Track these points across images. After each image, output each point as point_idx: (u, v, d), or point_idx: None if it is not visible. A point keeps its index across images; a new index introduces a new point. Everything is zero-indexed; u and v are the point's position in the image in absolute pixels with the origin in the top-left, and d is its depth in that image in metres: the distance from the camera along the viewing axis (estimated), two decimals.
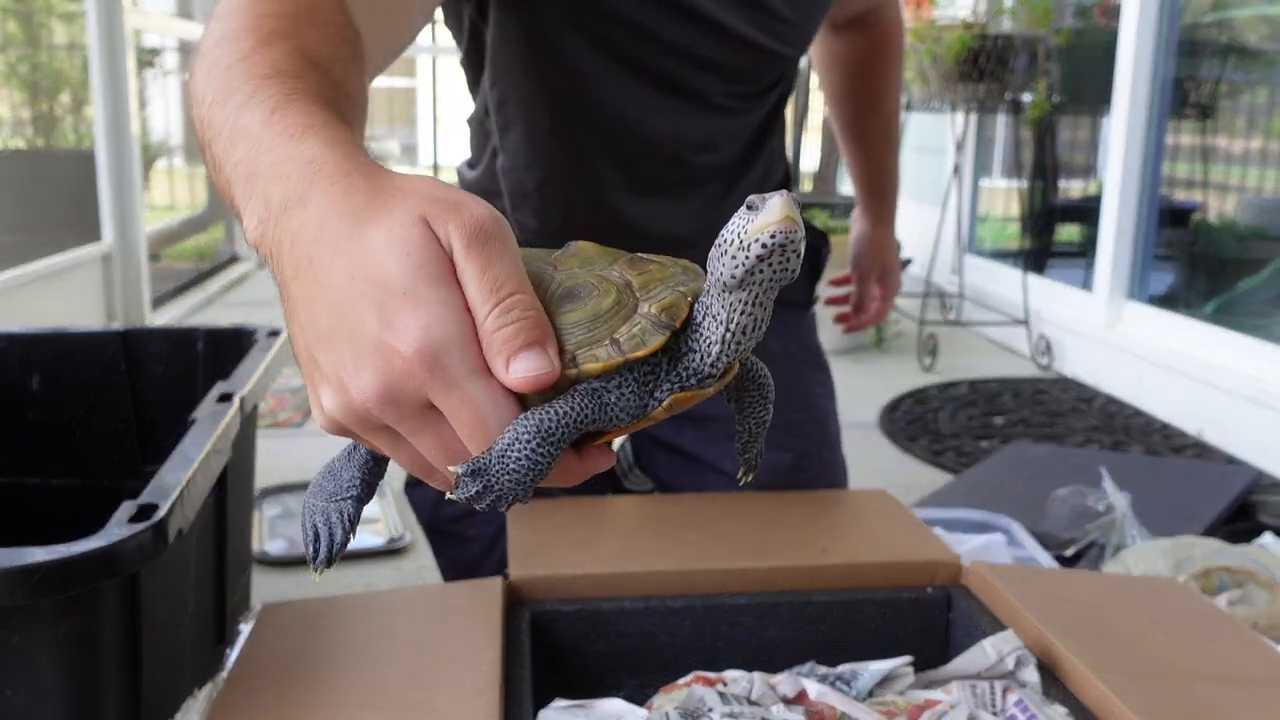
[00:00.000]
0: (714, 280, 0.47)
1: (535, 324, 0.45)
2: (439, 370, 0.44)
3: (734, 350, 0.49)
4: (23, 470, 1.33)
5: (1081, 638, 0.79)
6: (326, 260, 0.45)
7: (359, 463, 0.54)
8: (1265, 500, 1.97)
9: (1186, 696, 0.72)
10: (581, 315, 0.48)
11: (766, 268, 0.45)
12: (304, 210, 0.47)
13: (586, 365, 0.47)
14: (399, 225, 0.44)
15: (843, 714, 0.73)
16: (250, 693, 0.73)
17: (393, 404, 0.45)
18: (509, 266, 0.45)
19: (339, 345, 0.45)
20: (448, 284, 0.44)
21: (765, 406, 0.58)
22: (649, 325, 0.48)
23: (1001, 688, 0.75)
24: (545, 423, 0.45)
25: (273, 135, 0.51)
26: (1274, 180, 3.12)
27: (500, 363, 0.44)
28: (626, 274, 0.50)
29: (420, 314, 0.44)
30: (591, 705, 0.77)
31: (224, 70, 0.56)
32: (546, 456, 0.46)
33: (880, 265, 1.49)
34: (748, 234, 0.45)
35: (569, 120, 1.08)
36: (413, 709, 0.70)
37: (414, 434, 0.46)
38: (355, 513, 0.53)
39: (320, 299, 0.46)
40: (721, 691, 0.75)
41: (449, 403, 0.45)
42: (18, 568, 0.68)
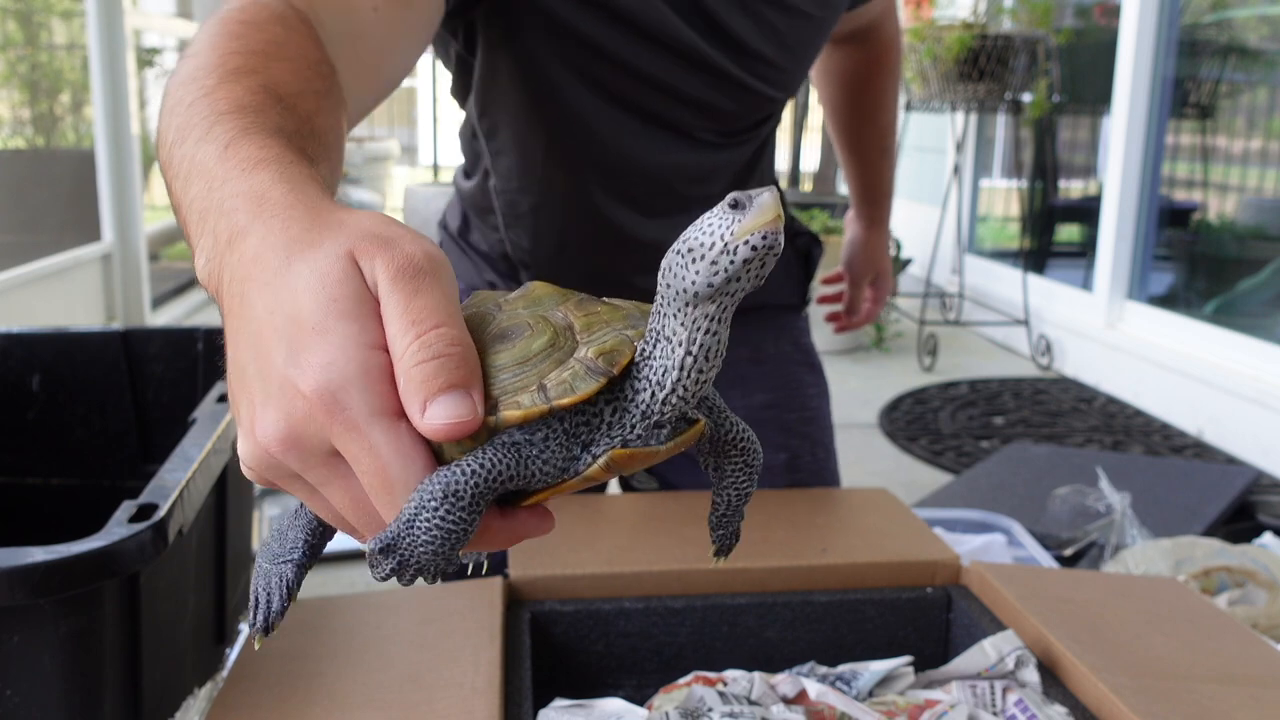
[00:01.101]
0: (674, 294, 0.42)
1: (460, 361, 0.41)
2: (338, 411, 0.40)
3: (694, 380, 0.43)
4: (23, 470, 1.33)
5: (1081, 638, 0.79)
6: (253, 295, 0.43)
7: (303, 523, 0.50)
8: (1265, 500, 1.97)
9: (1186, 696, 0.72)
10: (509, 357, 0.43)
11: (747, 274, 0.40)
12: (244, 244, 0.44)
13: (506, 413, 0.41)
14: (322, 259, 0.41)
15: (843, 714, 0.73)
16: (250, 692, 0.73)
17: (295, 449, 0.41)
18: (437, 300, 0.41)
19: (250, 384, 0.42)
20: (363, 320, 0.41)
21: (748, 476, 0.50)
22: (581, 370, 0.42)
23: (1001, 688, 0.75)
24: (452, 484, 0.40)
25: (225, 169, 0.49)
26: (1274, 180, 3.12)
27: (416, 405, 0.40)
28: (571, 315, 0.45)
29: (325, 349, 0.40)
30: (591, 705, 0.77)
31: (185, 108, 0.54)
32: (460, 523, 0.40)
33: (873, 269, 1.50)
34: (733, 235, 0.40)
35: (562, 149, 1.08)
36: (413, 709, 0.70)
37: (322, 484, 0.43)
38: (295, 578, 0.50)
39: (242, 335, 0.43)
40: (721, 691, 0.75)
41: (350, 449, 0.40)
42: (18, 568, 0.68)
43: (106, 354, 1.34)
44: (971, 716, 0.73)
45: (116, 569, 0.73)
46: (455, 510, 0.40)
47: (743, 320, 1.27)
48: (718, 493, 0.51)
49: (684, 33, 1.02)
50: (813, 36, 1.12)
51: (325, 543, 0.51)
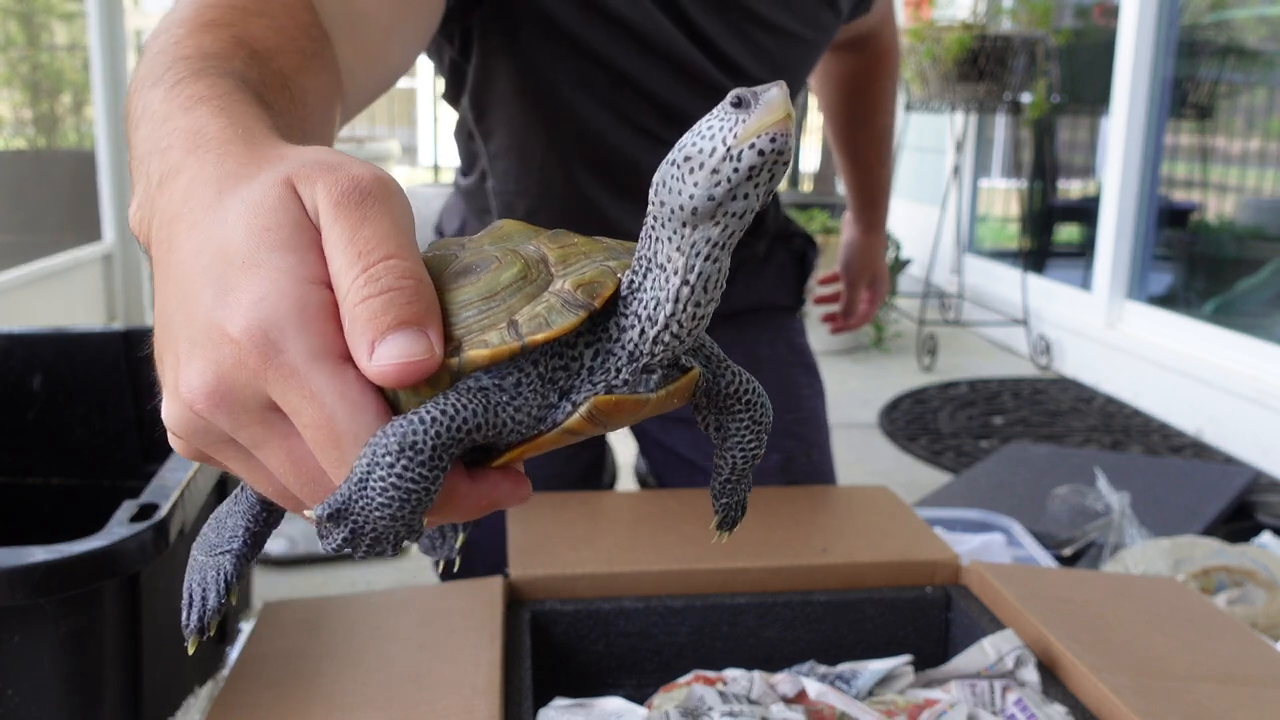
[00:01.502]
0: (669, 212, 0.36)
1: (413, 295, 0.35)
2: (273, 355, 0.34)
3: (690, 316, 0.37)
4: (24, 470, 1.34)
5: (1081, 637, 0.79)
6: (180, 236, 0.38)
7: (244, 508, 0.44)
8: (1264, 500, 1.97)
9: (1186, 696, 0.72)
10: (474, 292, 0.37)
11: (754, 186, 0.35)
12: (175, 183, 0.39)
13: (471, 352, 0.36)
14: (258, 188, 0.36)
15: (842, 713, 0.73)
16: (251, 691, 0.73)
17: (225, 403, 0.35)
18: (385, 228, 0.36)
19: (176, 336, 0.37)
20: (300, 251, 0.35)
21: (755, 435, 0.44)
22: (558, 303, 0.37)
23: (1001, 687, 0.76)
24: (409, 435, 0.34)
25: (168, 109, 0.44)
26: (1273, 180, 3.13)
27: (363, 346, 0.34)
28: (545, 247, 0.40)
29: (257, 285, 0.35)
30: (591, 704, 0.77)
31: (151, 57, 0.50)
32: (420, 480, 0.34)
33: (870, 272, 1.51)
34: (737, 139, 0.34)
35: (560, 152, 1.08)
36: (413, 708, 0.70)
37: (258, 446, 0.37)
38: (234, 570, 0.44)
39: (169, 282, 0.38)
40: (721, 691, 0.75)
41: (288, 399, 0.35)
42: (18, 567, 0.69)
43: (107, 354, 1.34)
44: (971, 716, 0.73)
45: (117, 569, 0.73)
46: (414, 465, 0.34)
47: (737, 321, 1.27)
48: (719, 455, 0.45)
49: (684, 48, 1.02)
50: (805, 57, 1.13)
51: (269, 530, 0.45)
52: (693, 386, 0.40)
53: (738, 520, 0.47)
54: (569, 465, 1.25)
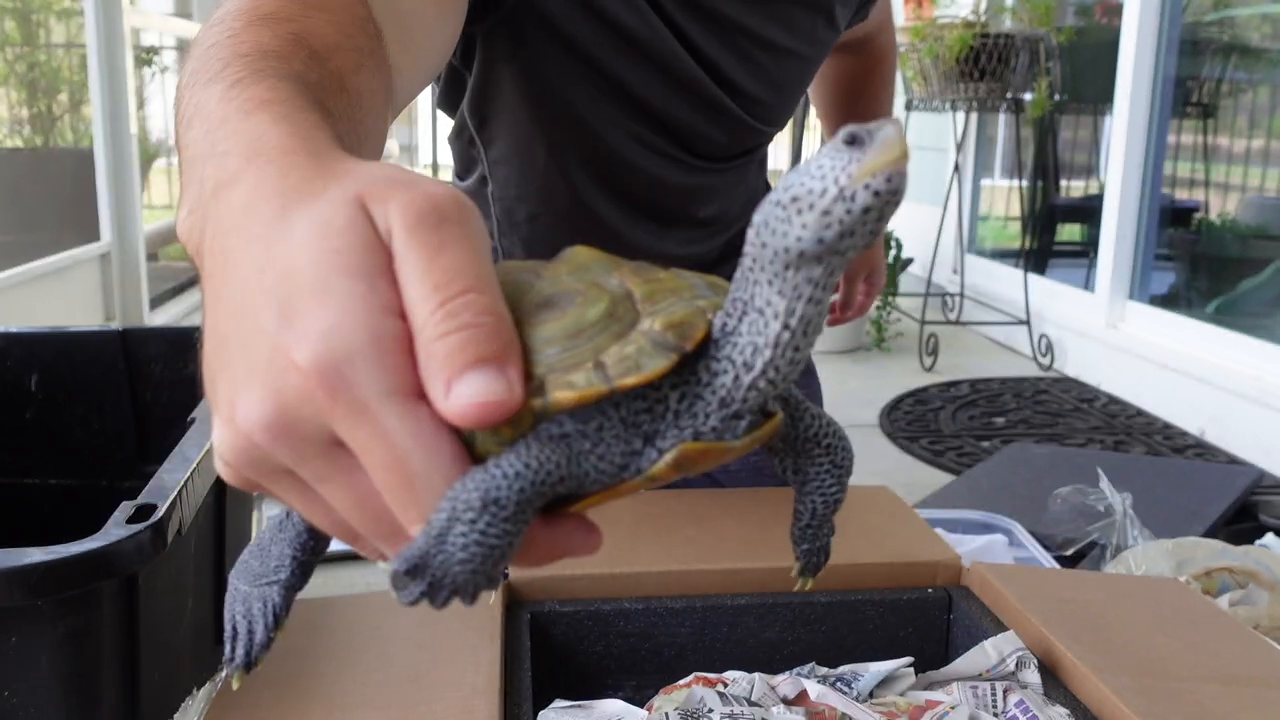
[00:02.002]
0: (771, 254, 0.34)
1: (494, 333, 0.33)
2: (343, 389, 0.32)
3: (788, 361, 0.35)
4: (20, 470, 1.33)
5: (1083, 638, 0.78)
6: (239, 251, 0.35)
7: (291, 536, 0.43)
8: (1267, 500, 1.97)
9: (1188, 697, 0.72)
10: (558, 328, 0.35)
11: (864, 227, 0.33)
12: (232, 192, 0.37)
13: (556, 394, 0.34)
14: (326, 206, 0.34)
15: (843, 715, 0.73)
16: (249, 692, 0.73)
17: (286, 436, 0.33)
18: (466, 256, 0.34)
19: (232, 359, 0.35)
20: (372, 277, 0.33)
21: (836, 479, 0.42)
22: (648, 345, 0.35)
23: (1002, 689, 0.75)
24: (493, 490, 0.33)
25: (225, 110, 0.42)
26: (1275, 180, 3.12)
27: (440, 384, 0.33)
28: (629, 282, 0.38)
29: (327, 313, 0.32)
30: (591, 706, 0.77)
31: (204, 50, 0.48)
32: (503, 535, 0.33)
33: (868, 266, 1.52)
34: (851, 179, 0.32)
35: (562, 160, 1.07)
36: (412, 709, 0.69)
37: (320, 480, 0.35)
38: (283, 602, 0.42)
39: (224, 299, 0.36)
40: (722, 692, 0.75)
41: (357, 436, 0.33)
42: (15, 568, 0.68)
43: (105, 354, 1.34)
44: (972, 717, 0.73)
45: (115, 569, 0.72)
46: (497, 521, 0.33)
47: None
48: (799, 500, 0.43)
49: (685, 63, 1.02)
50: (801, 73, 1.13)
51: (317, 560, 0.43)
52: (775, 432, 0.39)
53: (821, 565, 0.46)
54: None
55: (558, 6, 0.95)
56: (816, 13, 1.08)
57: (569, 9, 0.96)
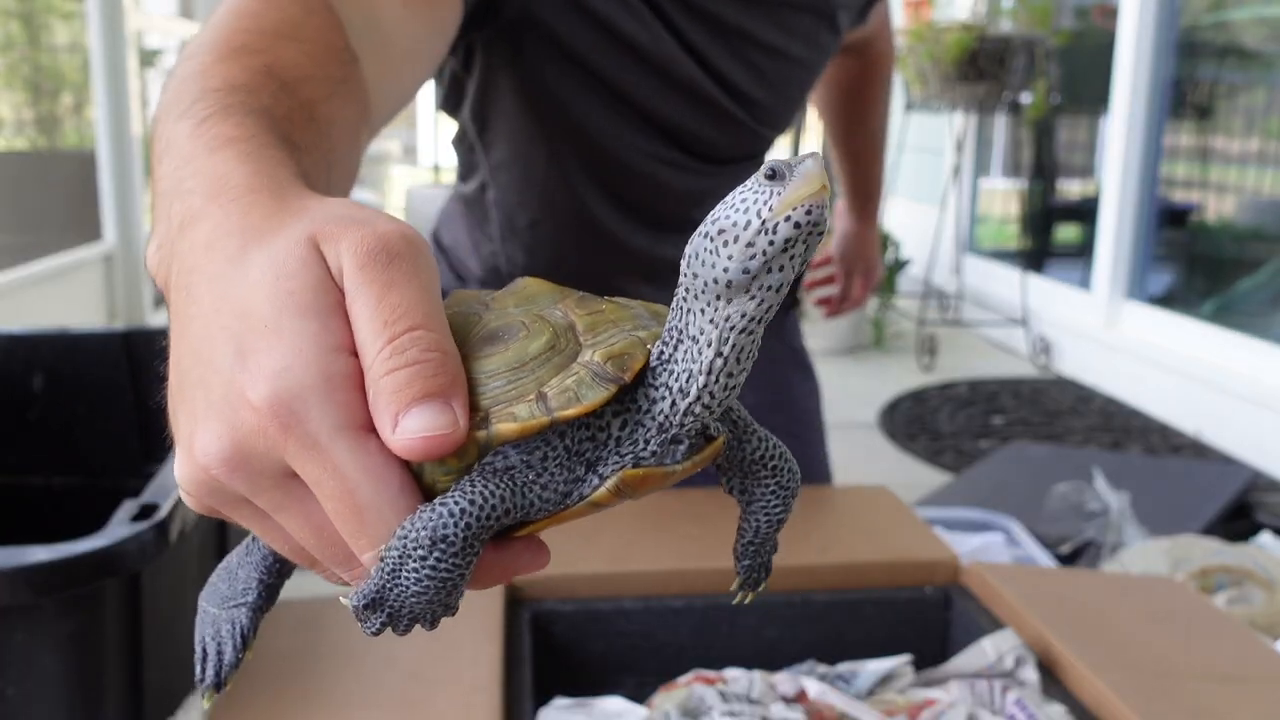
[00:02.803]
0: (702, 285, 0.35)
1: (439, 368, 0.34)
2: (295, 426, 0.34)
3: (722, 387, 0.37)
4: (25, 470, 1.34)
5: (1080, 637, 0.79)
6: (200, 289, 0.37)
7: (257, 560, 0.43)
8: (1263, 499, 1.98)
9: (1184, 694, 0.72)
10: (501, 362, 0.37)
11: (789, 259, 0.34)
12: (196, 230, 0.39)
13: (500, 426, 0.35)
14: (281, 246, 0.36)
15: (843, 713, 0.74)
16: (252, 690, 0.73)
17: (242, 469, 0.35)
18: (415, 295, 0.35)
19: (193, 394, 0.36)
20: (324, 316, 0.35)
21: (781, 500, 0.43)
22: (588, 377, 0.36)
23: (1001, 686, 0.76)
24: (440, 529, 0.34)
25: (193, 147, 0.43)
26: (1272, 181, 3.13)
27: (387, 419, 0.34)
28: (572, 313, 0.39)
29: (280, 352, 0.34)
30: (592, 704, 0.77)
31: (177, 83, 0.50)
32: (454, 569, 0.35)
33: (865, 260, 1.55)
34: (773, 211, 0.33)
35: (563, 165, 1.07)
36: (413, 707, 0.70)
37: (276, 510, 0.36)
38: (251, 624, 0.43)
39: (185, 335, 0.37)
40: (722, 690, 0.76)
41: (308, 470, 0.34)
42: (20, 567, 0.69)
43: (108, 354, 1.34)
44: (970, 715, 0.73)
45: (118, 568, 0.73)
46: (447, 557, 0.34)
47: None
48: (745, 518, 0.44)
49: (687, 67, 1.01)
50: (802, 77, 1.13)
51: (283, 582, 0.44)
52: (718, 454, 0.40)
53: (761, 581, 0.47)
54: None
55: (555, 14, 0.96)
56: (818, 17, 1.09)
57: (567, 15, 0.96)
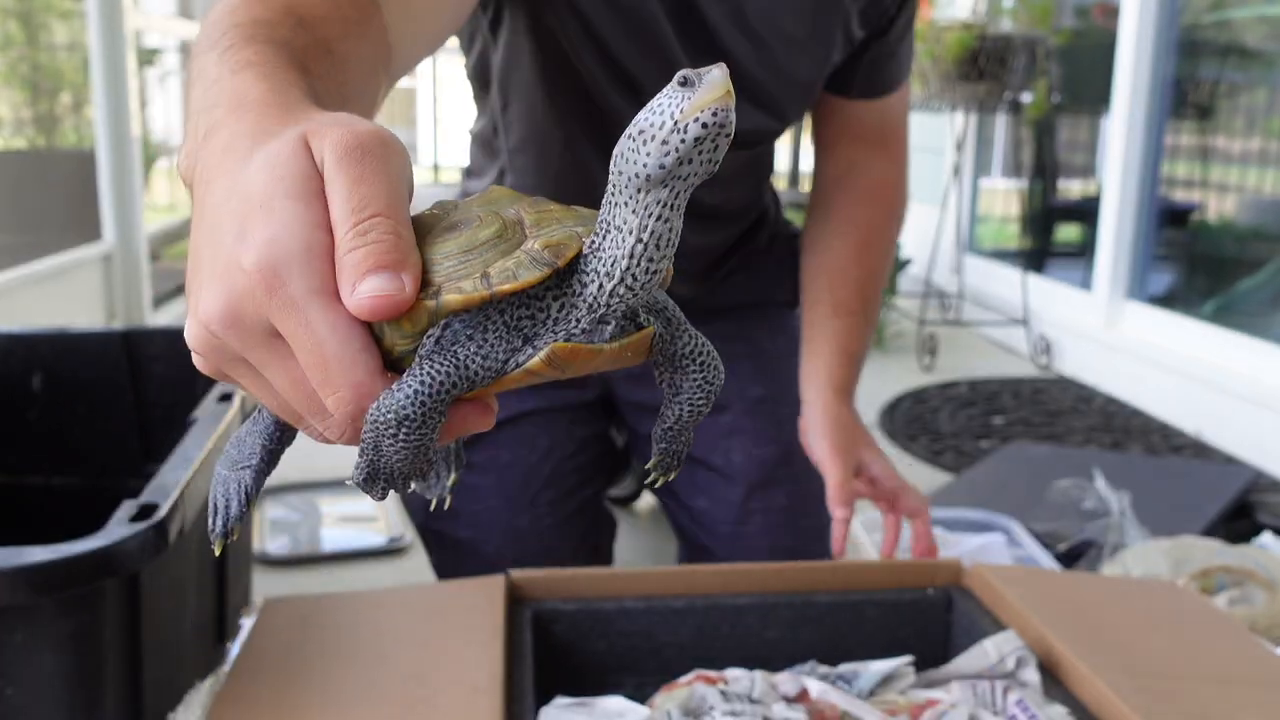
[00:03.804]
0: (625, 180, 0.41)
1: (392, 248, 0.41)
2: (278, 288, 0.40)
3: (644, 270, 0.42)
4: (23, 470, 1.34)
5: (1082, 638, 0.79)
6: (216, 183, 0.44)
7: (262, 429, 0.51)
8: (1264, 500, 1.97)
9: (1186, 696, 0.72)
10: (455, 246, 0.43)
11: (699, 155, 0.39)
12: (217, 138, 0.45)
13: (447, 297, 0.42)
14: (278, 143, 0.43)
15: (845, 712, 0.73)
16: (252, 687, 0.73)
17: (235, 326, 0.42)
18: (380, 186, 0.42)
19: (201, 266, 0.43)
20: (306, 199, 0.41)
21: (705, 395, 0.48)
22: (526, 260, 0.42)
23: (1002, 687, 0.75)
24: (401, 410, 0.41)
25: (219, 71, 0.50)
26: (1273, 180, 3.13)
27: (347, 285, 0.41)
28: (524, 212, 0.45)
29: (270, 226, 0.41)
30: (593, 703, 0.77)
31: (210, 23, 0.56)
32: (422, 438, 0.42)
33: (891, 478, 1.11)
34: (683, 113, 0.39)
35: (580, 150, 1.08)
36: (414, 706, 0.70)
37: (263, 366, 0.43)
38: (254, 484, 0.50)
39: (202, 222, 0.44)
40: (723, 690, 0.75)
41: (287, 326, 0.41)
42: (18, 567, 0.69)
43: (107, 354, 1.34)
44: (972, 716, 0.73)
45: (117, 568, 0.73)
46: (413, 430, 0.41)
47: (739, 315, 1.27)
48: (668, 406, 0.49)
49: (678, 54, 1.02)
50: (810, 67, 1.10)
51: (283, 449, 0.51)
52: (647, 342, 0.45)
53: (673, 468, 0.51)
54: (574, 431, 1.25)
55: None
56: (834, 15, 1.08)
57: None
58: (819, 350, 1.13)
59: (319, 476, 2.30)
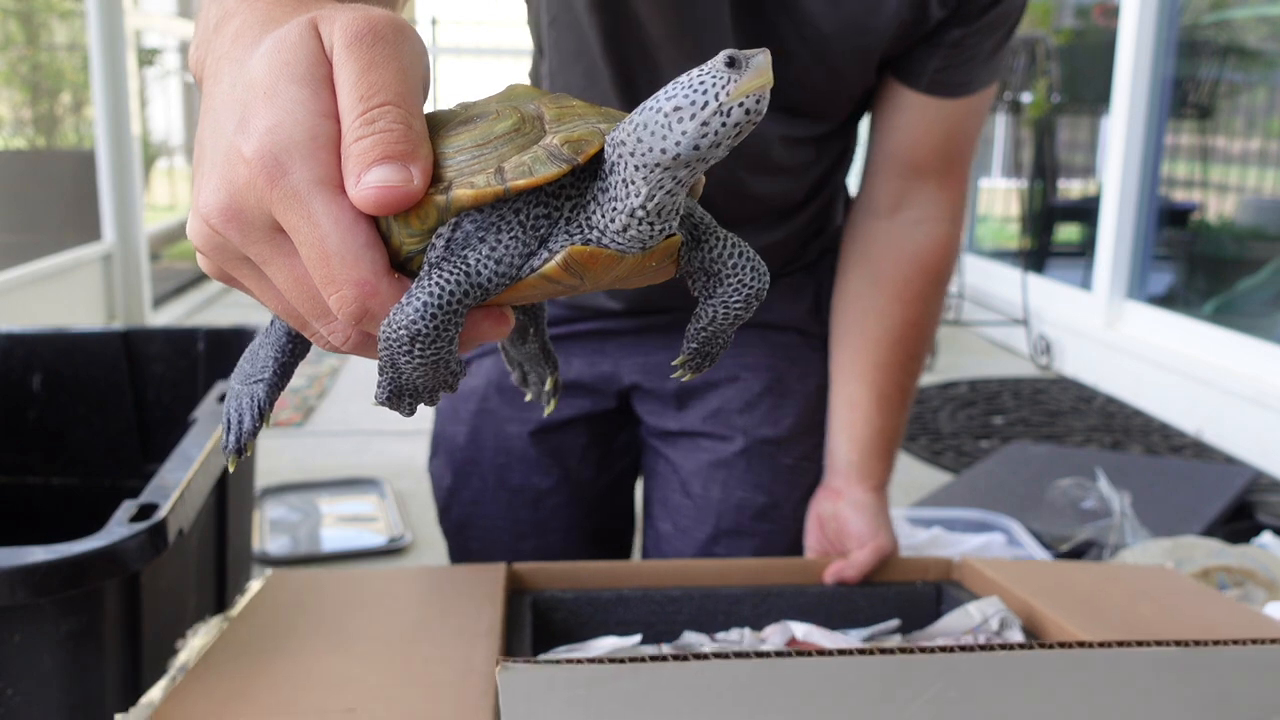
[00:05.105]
0: (645, 149, 0.38)
1: (402, 138, 0.38)
2: (281, 177, 0.38)
3: (650, 231, 0.40)
4: (24, 470, 1.34)
5: (1068, 606, 0.79)
6: (224, 71, 0.41)
7: (274, 341, 0.48)
8: (1264, 500, 1.98)
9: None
10: (468, 139, 0.40)
11: (728, 139, 0.38)
12: (228, 26, 0.43)
13: (458, 192, 0.39)
14: (286, 28, 0.40)
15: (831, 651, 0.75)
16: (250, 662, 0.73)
17: (236, 220, 0.39)
18: (391, 74, 0.39)
19: (204, 158, 0.41)
20: (313, 85, 0.39)
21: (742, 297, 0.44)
22: (544, 155, 0.39)
23: (984, 638, 0.76)
24: (411, 325, 0.39)
25: None
26: (1273, 180, 3.13)
27: (352, 176, 0.38)
28: (544, 107, 0.42)
29: (272, 113, 0.38)
30: (585, 645, 0.78)
31: None
32: (440, 350, 0.39)
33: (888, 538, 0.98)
34: (729, 95, 0.37)
35: None
36: (410, 685, 0.70)
37: (265, 262, 0.41)
38: (267, 398, 0.48)
39: (207, 113, 0.41)
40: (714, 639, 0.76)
41: (289, 218, 0.38)
42: (19, 567, 0.69)
43: (107, 354, 1.34)
44: None
45: (117, 568, 0.73)
46: (429, 345, 0.39)
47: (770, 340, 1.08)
48: (702, 305, 0.45)
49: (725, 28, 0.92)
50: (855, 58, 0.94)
51: (296, 362, 0.49)
52: (673, 251, 0.42)
53: (701, 368, 0.49)
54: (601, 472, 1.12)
55: None
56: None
57: None
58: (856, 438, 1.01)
59: (319, 476, 2.31)
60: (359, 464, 2.44)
